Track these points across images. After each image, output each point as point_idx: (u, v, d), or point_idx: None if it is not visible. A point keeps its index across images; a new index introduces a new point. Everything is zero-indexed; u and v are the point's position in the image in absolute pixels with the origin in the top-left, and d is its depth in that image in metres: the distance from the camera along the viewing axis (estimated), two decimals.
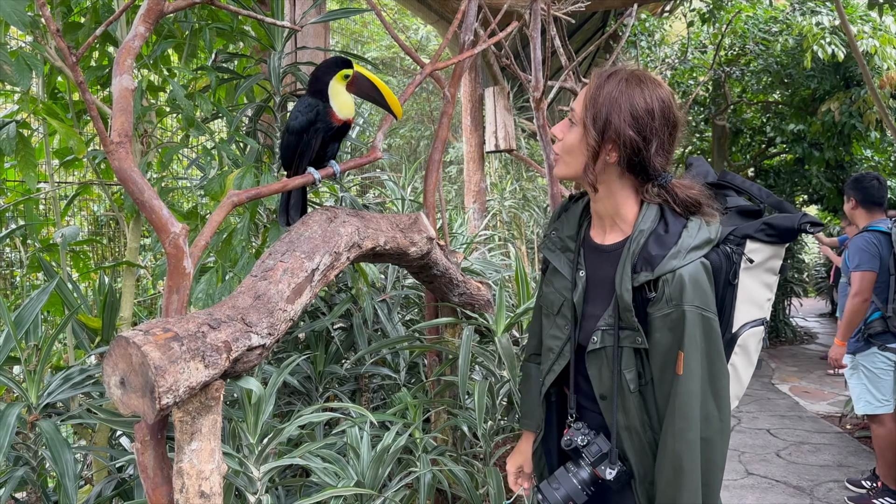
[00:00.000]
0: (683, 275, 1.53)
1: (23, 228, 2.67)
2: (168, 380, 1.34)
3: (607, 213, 1.69)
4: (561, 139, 1.68)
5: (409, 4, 6.73)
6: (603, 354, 1.64)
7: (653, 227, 1.60)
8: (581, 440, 1.68)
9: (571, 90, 4.40)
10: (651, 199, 1.63)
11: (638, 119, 1.55)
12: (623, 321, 1.60)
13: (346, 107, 2.00)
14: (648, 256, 1.57)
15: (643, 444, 1.63)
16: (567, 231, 1.81)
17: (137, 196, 1.63)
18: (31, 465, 2.20)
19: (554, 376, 1.78)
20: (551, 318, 1.80)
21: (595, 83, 1.60)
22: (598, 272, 1.71)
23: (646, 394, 1.61)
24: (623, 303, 1.58)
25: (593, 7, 7.33)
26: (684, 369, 1.52)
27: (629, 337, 1.59)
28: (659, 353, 1.57)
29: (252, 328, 1.64)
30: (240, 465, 1.89)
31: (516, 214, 8.24)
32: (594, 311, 1.68)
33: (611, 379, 1.63)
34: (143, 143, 2.71)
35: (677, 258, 1.54)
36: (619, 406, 1.63)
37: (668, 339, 1.54)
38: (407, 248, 2.34)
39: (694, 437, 1.52)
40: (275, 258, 1.87)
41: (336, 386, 3.43)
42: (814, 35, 7.15)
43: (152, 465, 1.60)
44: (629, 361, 1.60)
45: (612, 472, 1.63)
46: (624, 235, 1.67)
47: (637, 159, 1.58)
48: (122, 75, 1.73)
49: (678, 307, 1.52)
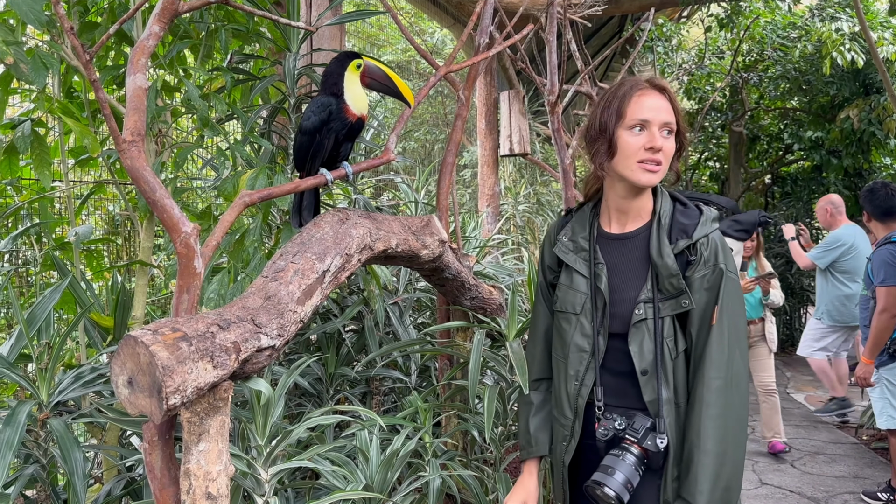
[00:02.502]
0: (715, 239, 1.76)
1: (37, 227, 2.68)
2: (176, 380, 1.33)
3: (637, 207, 1.85)
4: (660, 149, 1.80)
5: (426, 8, 6.73)
6: (644, 327, 1.76)
7: (671, 206, 1.83)
8: (619, 425, 1.76)
9: (587, 94, 4.36)
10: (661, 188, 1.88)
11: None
12: (663, 292, 1.76)
13: (360, 101, 2.00)
14: (682, 226, 1.78)
15: (676, 418, 1.74)
16: (579, 233, 1.92)
17: (149, 195, 1.63)
18: (41, 463, 2.21)
19: (594, 375, 1.83)
20: (574, 320, 1.87)
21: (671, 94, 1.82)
22: (622, 259, 1.85)
23: (676, 367, 1.75)
24: (667, 270, 1.74)
25: (609, 12, 7.30)
26: (717, 320, 1.70)
27: (671, 305, 1.75)
28: (699, 312, 1.74)
29: (262, 329, 1.63)
30: (248, 466, 1.88)
31: (530, 219, 8.21)
32: (626, 294, 1.81)
33: (654, 351, 1.75)
34: (158, 143, 2.72)
35: (706, 226, 1.77)
36: (663, 377, 1.74)
37: (706, 297, 1.73)
38: (419, 251, 2.33)
39: (720, 387, 1.68)
40: (286, 259, 1.86)
41: (347, 388, 3.42)
42: (833, 41, 7.07)
43: (160, 465, 1.59)
44: (669, 330, 1.76)
45: (664, 442, 1.71)
46: (644, 222, 1.85)
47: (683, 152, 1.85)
48: (136, 74, 1.73)
49: (715, 266, 1.73)
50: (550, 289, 2.00)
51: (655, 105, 1.77)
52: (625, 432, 1.74)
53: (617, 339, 1.80)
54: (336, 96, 1.95)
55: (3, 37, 2.02)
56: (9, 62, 2.01)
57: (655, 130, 1.76)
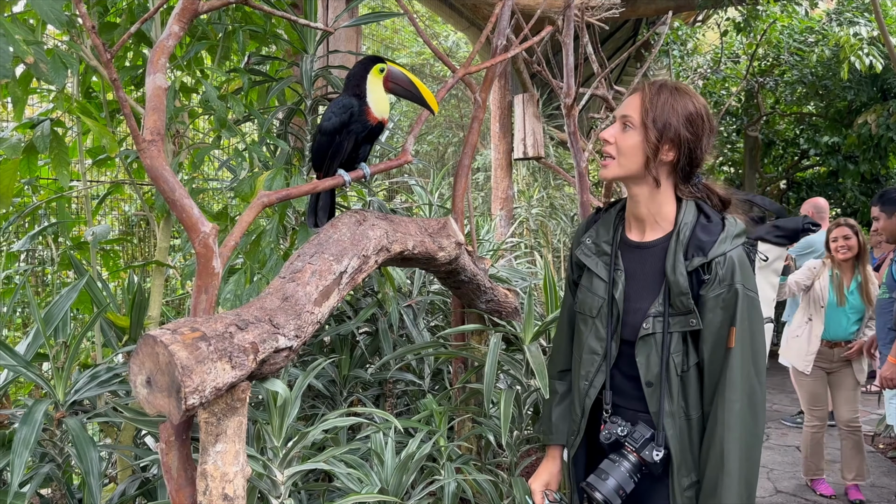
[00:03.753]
0: (733, 257, 1.69)
1: (54, 226, 2.69)
2: (195, 380, 1.32)
3: (650, 213, 1.81)
4: (613, 143, 1.80)
5: (441, 11, 6.73)
6: (652, 340, 1.75)
7: (694, 219, 1.76)
8: (621, 430, 1.77)
9: (603, 98, 4.35)
10: (686, 195, 1.80)
11: (692, 121, 1.74)
12: (673, 308, 1.72)
13: (382, 104, 2.00)
14: (699, 243, 1.72)
15: (681, 430, 1.73)
16: (602, 236, 1.91)
17: (168, 195, 1.62)
18: (57, 463, 2.21)
19: (604, 377, 1.84)
20: (590, 322, 1.88)
21: (650, 92, 1.76)
22: (640, 268, 1.82)
23: (686, 380, 1.73)
24: (678, 287, 1.71)
25: (626, 15, 7.28)
26: (736, 343, 1.66)
27: (680, 322, 1.72)
28: (711, 332, 1.69)
29: (279, 330, 1.62)
30: (264, 467, 1.87)
31: (543, 222, 8.18)
32: (639, 304, 1.79)
33: (659, 364, 1.73)
34: (175, 144, 2.72)
35: (726, 243, 1.70)
36: (666, 390, 1.73)
37: (721, 317, 1.68)
38: (435, 253, 2.32)
39: (741, 409, 1.65)
40: (303, 260, 1.85)
41: (360, 390, 3.41)
42: (851, 46, 7.01)
43: (176, 465, 1.58)
44: (677, 346, 1.73)
45: (660, 454, 1.72)
46: (664, 232, 1.80)
47: (691, 157, 1.75)
48: (156, 74, 1.73)
49: (731, 286, 1.67)
50: (574, 286, 2.01)
51: (627, 101, 1.80)
52: (625, 439, 1.77)
53: (629, 346, 1.81)
54: (358, 98, 1.95)
55: (23, 36, 2.03)
56: (29, 62, 2.01)
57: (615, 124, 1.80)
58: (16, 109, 2.22)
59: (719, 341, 1.69)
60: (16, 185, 2.43)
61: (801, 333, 4.68)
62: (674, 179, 1.80)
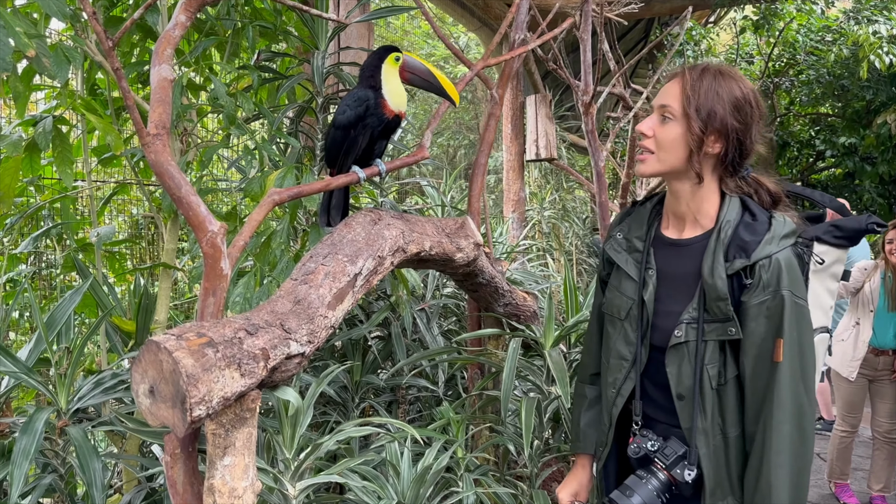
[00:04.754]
0: (780, 259, 1.53)
1: (58, 227, 2.61)
2: (201, 389, 1.23)
3: (689, 210, 1.67)
4: (651, 136, 1.65)
5: (452, 10, 6.65)
6: (685, 349, 1.60)
7: (738, 217, 1.61)
8: (651, 445, 1.66)
9: (620, 96, 4.24)
10: (731, 191, 1.64)
11: (739, 108, 1.58)
12: (709, 313, 1.58)
13: (399, 97, 1.90)
14: (742, 243, 1.56)
15: (716, 448, 1.60)
16: (635, 232, 1.78)
17: (174, 192, 1.53)
18: (60, 473, 2.12)
19: (632, 385, 1.72)
20: (618, 325, 1.76)
21: (691, 77, 1.61)
22: (674, 268, 1.68)
23: (723, 393, 1.59)
24: (715, 291, 1.56)
25: (640, 15, 7.18)
26: (784, 357, 1.51)
27: (716, 329, 1.57)
28: (754, 343, 1.55)
29: (291, 335, 1.53)
30: (274, 480, 1.77)
31: (556, 225, 8.07)
32: (671, 307, 1.65)
33: (692, 376, 1.59)
34: (183, 143, 2.64)
35: (772, 244, 1.54)
36: (699, 405, 1.59)
37: (765, 327, 1.53)
38: (453, 254, 2.22)
39: (790, 430, 1.51)
40: (316, 261, 1.75)
41: (371, 397, 3.31)
42: (871, 44, 6.87)
43: (182, 480, 1.49)
44: (713, 356, 1.58)
45: (692, 474, 1.59)
46: (704, 230, 1.66)
47: (740, 148, 1.60)
48: (162, 65, 1.64)
49: (776, 293, 1.52)
50: (604, 285, 1.89)
51: (665, 89, 1.66)
52: (655, 454, 1.65)
53: (659, 352, 1.68)
54: (374, 90, 1.84)
55: (25, 29, 1.95)
56: (31, 55, 1.93)
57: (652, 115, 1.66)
58: (18, 105, 2.14)
59: (763, 354, 1.54)
60: (18, 185, 2.35)
61: (846, 337, 4.42)
62: (719, 173, 1.65)
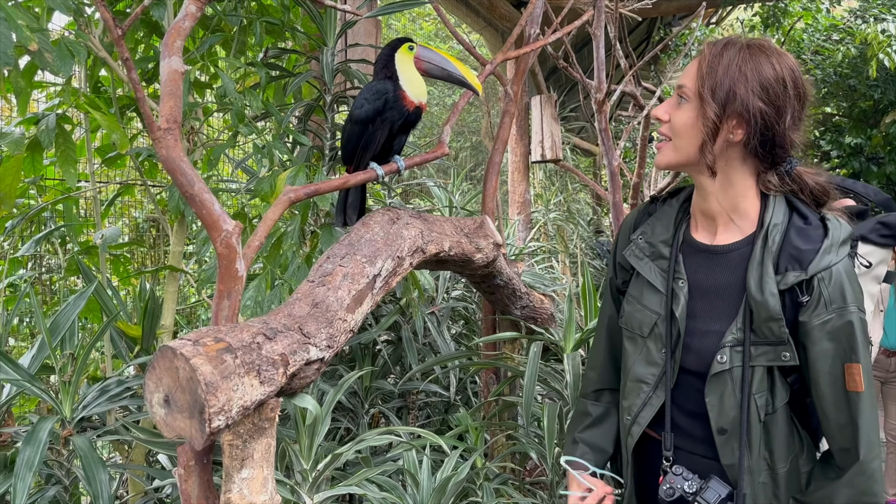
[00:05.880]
0: (841, 271, 1.32)
1: (61, 230, 2.52)
2: (220, 398, 1.15)
3: (721, 209, 1.45)
4: (667, 121, 1.45)
5: (457, 11, 6.58)
6: (728, 377, 1.39)
7: (786, 219, 1.39)
8: (689, 487, 1.42)
9: (631, 94, 4.17)
10: (775, 190, 1.42)
11: (768, 88, 1.34)
12: (757, 335, 1.36)
13: (419, 86, 1.79)
14: (796, 252, 1.35)
15: (765, 489, 1.40)
16: (660, 235, 1.55)
17: (187, 189, 1.45)
18: (64, 485, 2.04)
19: (653, 412, 1.50)
20: (639, 343, 1.54)
21: (710, 52, 1.38)
22: (709, 279, 1.46)
23: (771, 424, 1.39)
24: (766, 311, 1.34)
25: (647, 13, 7.11)
26: (865, 385, 1.30)
27: (767, 354, 1.36)
28: (821, 371, 1.34)
29: (310, 339, 1.45)
30: (292, 493, 1.69)
31: (561, 227, 7.99)
32: (709, 325, 1.44)
33: (737, 407, 1.38)
34: (190, 142, 2.55)
35: (831, 253, 1.33)
36: (746, 440, 1.38)
37: (832, 351, 1.32)
38: (472, 255, 2.14)
39: (876, 467, 1.32)
40: (334, 262, 1.67)
41: (380, 402, 3.23)
42: (879, 43, 6.80)
43: (196, 494, 1.41)
44: (761, 384, 1.37)
45: None
46: (743, 234, 1.44)
47: (769, 135, 1.35)
48: (171, 57, 1.56)
49: (842, 311, 1.31)
50: (619, 293, 1.66)
51: (686, 68, 1.44)
52: (695, 497, 1.41)
53: (692, 377, 1.46)
54: (391, 81, 1.75)
55: (27, 22, 1.87)
56: (33, 49, 1.84)
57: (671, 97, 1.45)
58: (19, 102, 2.06)
59: (832, 382, 1.33)
60: (20, 185, 2.27)
61: None
62: (755, 166, 1.41)
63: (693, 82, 1.39)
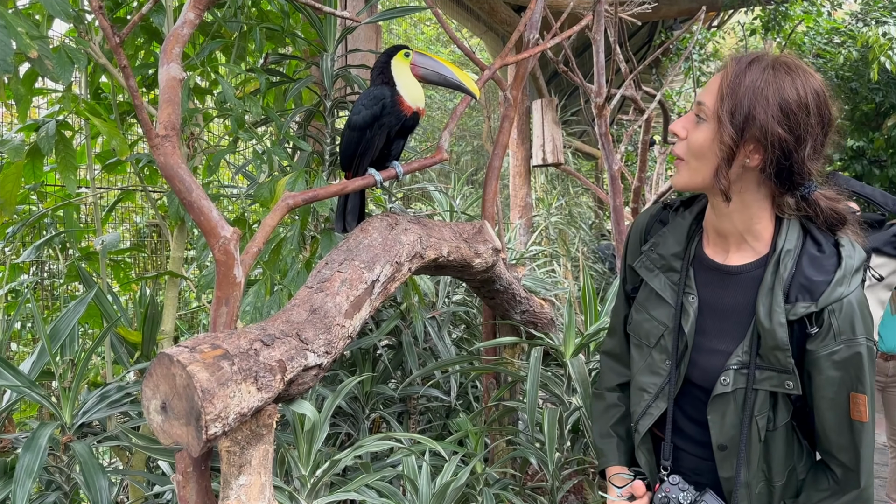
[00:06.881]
0: (853, 303, 1.30)
1: (62, 236, 2.53)
2: (216, 405, 1.15)
3: (735, 229, 1.43)
4: (684, 138, 1.40)
5: (457, 15, 6.59)
6: (731, 399, 1.39)
7: (799, 245, 1.36)
8: (683, 498, 1.42)
9: (632, 98, 4.17)
10: (790, 213, 1.39)
11: (789, 114, 1.29)
12: (763, 359, 1.35)
13: (415, 92, 1.80)
14: (808, 283, 1.32)
15: (759, 496, 1.41)
16: (672, 248, 1.53)
17: (184, 195, 1.45)
18: (64, 491, 2.04)
19: (651, 420, 1.51)
20: (644, 352, 1.53)
21: (733, 70, 1.33)
22: (720, 298, 1.45)
23: (770, 441, 1.39)
24: (773, 339, 1.33)
25: (647, 17, 7.12)
26: (869, 416, 1.30)
27: (770, 379, 1.35)
28: (825, 399, 1.33)
29: (308, 346, 1.45)
30: (290, 498, 1.69)
31: (563, 230, 7.99)
32: (716, 344, 1.43)
33: (737, 426, 1.38)
34: (190, 147, 2.56)
35: (843, 284, 1.30)
36: (744, 457, 1.39)
37: (837, 380, 1.32)
38: (471, 260, 2.14)
39: (871, 494, 1.34)
40: (332, 268, 1.68)
41: (381, 407, 3.23)
42: (881, 45, 6.80)
43: (195, 500, 1.41)
44: (763, 406, 1.37)
45: None
46: (756, 255, 1.42)
47: (786, 163, 1.31)
48: (170, 64, 1.57)
49: (851, 343, 1.29)
50: (628, 298, 1.66)
51: (708, 83, 1.40)
52: None
53: (695, 388, 1.47)
54: (388, 87, 1.76)
55: (27, 30, 1.87)
56: (33, 56, 1.85)
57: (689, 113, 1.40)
58: (20, 109, 2.07)
59: (835, 408, 1.33)
60: (20, 192, 2.27)
61: None
62: (770, 189, 1.37)
63: (713, 101, 1.35)
